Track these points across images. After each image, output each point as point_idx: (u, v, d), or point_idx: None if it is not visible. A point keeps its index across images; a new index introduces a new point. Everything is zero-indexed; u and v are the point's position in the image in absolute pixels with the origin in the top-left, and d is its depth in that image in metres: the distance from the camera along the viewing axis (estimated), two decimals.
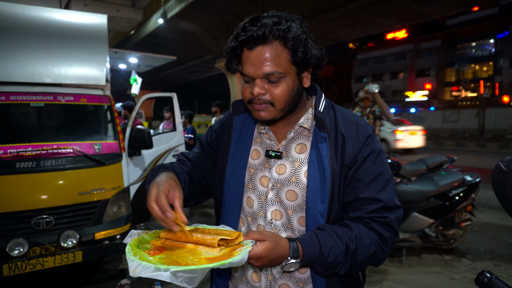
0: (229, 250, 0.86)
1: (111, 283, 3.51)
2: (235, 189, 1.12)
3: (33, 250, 2.93)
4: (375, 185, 1.02)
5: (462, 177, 4.10)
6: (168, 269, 0.74)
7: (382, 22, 17.78)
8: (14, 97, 3.23)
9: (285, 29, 0.94)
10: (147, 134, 3.77)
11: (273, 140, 1.11)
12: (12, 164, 2.98)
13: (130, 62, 6.67)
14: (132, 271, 0.76)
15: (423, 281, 3.51)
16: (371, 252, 0.99)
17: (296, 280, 1.05)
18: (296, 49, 0.96)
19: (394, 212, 1.02)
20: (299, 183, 1.04)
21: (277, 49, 0.95)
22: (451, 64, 40.85)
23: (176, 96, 4.65)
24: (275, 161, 1.08)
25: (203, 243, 0.88)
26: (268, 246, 0.88)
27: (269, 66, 0.95)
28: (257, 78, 0.98)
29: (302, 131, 1.10)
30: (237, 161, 1.13)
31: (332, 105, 1.13)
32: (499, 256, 4.09)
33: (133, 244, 0.89)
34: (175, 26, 22.01)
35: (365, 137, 1.04)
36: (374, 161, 1.03)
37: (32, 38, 3.36)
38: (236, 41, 0.98)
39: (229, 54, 1.02)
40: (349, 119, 1.08)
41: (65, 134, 3.42)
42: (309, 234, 0.97)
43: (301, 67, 1.00)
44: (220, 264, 0.77)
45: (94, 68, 3.61)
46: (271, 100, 1.00)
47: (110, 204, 3.31)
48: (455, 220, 4.04)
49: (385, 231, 1.01)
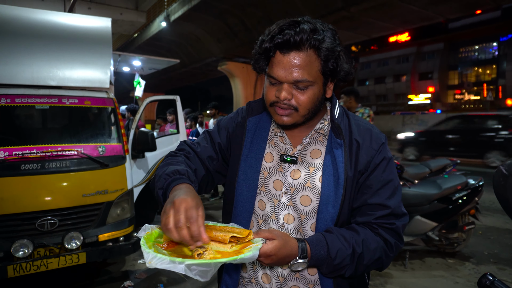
0: (239, 247, 0.88)
1: (114, 285, 3.52)
2: (248, 192, 1.12)
3: (38, 252, 2.94)
4: (384, 192, 1.03)
5: (465, 181, 4.10)
6: (183, 262, 0.76)
7: (384, 25, 17.79)
8: (19, 100, 3.26)
9: (321, 39, 0.95)
10: (150, 137, 3.79)
11: (288, 144, 1.11)
12: (17, 166, 3.00)
13: (134, 65, 6.71)
14: (148, 262, 0.78)
15: (426, 284, 3.50)
16: (377, 257, 1.01)
17: (306, 282, 1.06)
18: (328, 60, 0.97)
19: (401, 219, 1.04)
20: (314, 188, 1.04)
21: (311, 58, 0.96)
22: (454, 67, 40.79)
23: (179, 99, 4.67)
24: (290, 166, 1.09)
25: (214, 239, 0.89)
26: (277, 244, 0.89)
27: (300, 73, 0.95)
28: (285, 82, 0.98)
29: (318, 136, 1.10)
30: (250, 163, 1.13)
31: (346, 112, 1.14)
32: (503, 260, 4.08)
33: (147, 237, 0.91)
34: (178, 29, 22.12)
35: (378, 145, 1.06)
36: (384, 168, 1.05)
37: (36, 41, 3.39)
38: (271, 42, 0.96)
39: (261, 54, 1.01)
40: (363, 126, 1.10)
41: (70, 136, 3.44)
42: (318, 235, 0.99)
43: (329, 77, 1.01)
44: (232, 259, 0.79)
45: (98, 71, 3.63)
46: (296, 105, 1.00)
47: (114, 206, 3.32)
48: (459, 224, 4.02)
49: (391, 237, 1.03)
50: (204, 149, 1.20)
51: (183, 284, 3.55)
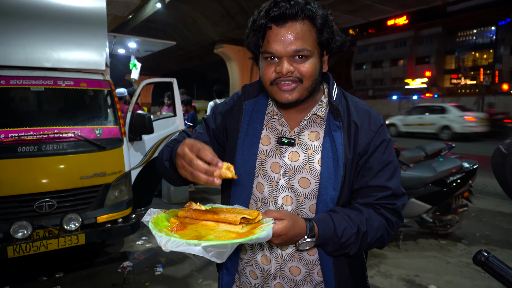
0: (250, 228, 0.88)
1: (113, 266, 3.57)
2: (246, 175, 1.11)
3: (37, 233, 2.97)
4: (384, 173, 1.04)
5: (460, 164, 4.15)
6: (199, 244, 0.76)
7: (382, 8, 17.57)
8: (14, 81, 3.21)
9: (315, 9, 0.97)
10: (147, 119, 3.78)
11: (286, 126, 1.10)
12: (13, 148, 2.99)
13: (129, 47, 6.61)
14: (163, 245, 0.78)
15: (419, 264, 3.58)
16: (379, 235, 1.03)
17: (306, 262, 1.08)
18: (323, 29, 0.98)
19: (401, 199, 1.06)
20: (313, 171, 1.05)
21: (307, 27, 0.97)
22: (451, 51, 40.56)
23: (176, 82, 4.63)
24: (287, 148, 1.08)
25: (224, 220, 0.89)
26: (287, 224, 0.90)
27: (299, 43, 0.95)
28: (285, 56, 0.97)
29: (315, 118, 1.10)
30: (247, 147, 1.12)
31: (344, 93, 1.13)
32: (494, 241, 4.17)
33: (154, 221, 0.90)
34: (174, 11, 21.70)
35: (377, 126, 1.06)
36: (384, 150, 1.05)
37: (31, 22, 3.32)
38: (266, 16, 0.96)
39: (255, 30, 1.00)
40: (361, 108, 1.09)
41: (66, 118, 3.42)
42: (324, 215, 1.00)
43: (325, 48, 1.02)
44: (248, 239, 0.79)
45: (94, 52, 3.58)
46: (301, 76, 0.99)
47: (112, 188, 3.34)
48: (452, 206, 4.10)
49: (392, 216, 1.05)
50: (200, 136, 1.20)
51: (182, 264, 3.61)
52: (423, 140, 14.07)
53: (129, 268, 3.50)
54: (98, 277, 3.36)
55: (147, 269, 3.53)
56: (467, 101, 26.69)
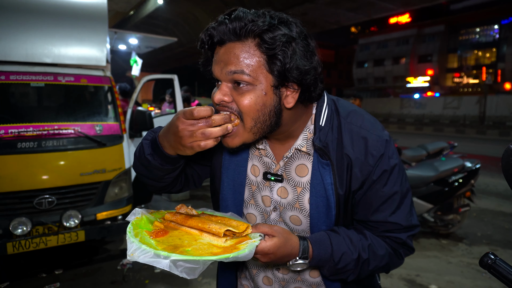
0: (235, 242, 0.79)
1: (113, 263, 3.56)
2: (234, 206, 1.02)
3: (36, 229, 2.96)
4: (387, 207, 0.92)
5: (462, 163, 4.12)
6: (168, 257, 0.68)
7: (385, 6, 17.50)
8: (14, 77, 3.20)
9: (263, 26, 0.77)
10: (148, 116, 3.76)
11: (271, 158, 0.98)
12: (13, 144, 2.97)
13: (130, 43, 6.58)
14: (130, 254, 0.71)
15: (420, 264, 3.56)
16: (383, 264, 0.95)
17: (309, 284, 1.01)
18: (273, 54, 0.78)
19: (410, 231, 0.95)
20: (303, 210, 0.96)
21: (249, 49, 0.79)
22: (454, 50, 40.41)
23: (177, 78, 4.61)
24: (276, 183, 0.99)
25: (208, 231, 0.81)
26: (277, 242, 0.81)
27: (235, 64, 0.79)
28: (222, 80, 0.83)
29: (299, 152, 0.96)
30: (232, 176, 1.02)
31: (337, 110, 0.95)
32: (496, 241, 4.15)
33: (136, 223, 0.84)
34: (175, 7, 21.66)
35: (375, 159, 0.89)
36: (386, 181, 0.91)
37: (31, 17, 3.29)
38: (206, 34, 0.83)
39: (202, 49, 0.87)
40: (356, 134, 0.91)
41: (66, 115, 3.40)
42: (322, 234, 0.91)
43: (279, 78, 0.81)
44: (224, 257, 0.71)
45: (94, 48, 3.55)
46: (239, 110, 0.82)
47: (112, 185, 3.32)
48: (454, 206, 4.07)
49: (400, 247, 0.97)
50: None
51: None
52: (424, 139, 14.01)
53: (128, 265, 3.49)
54: (97, 274, 3.35)
55: (146, 266, 3.52)
56: (469, 100, 26.61)
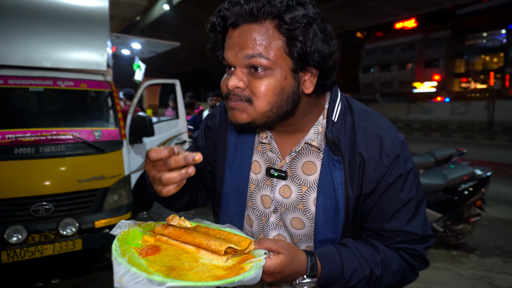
0: (237, 261, 0.71)
1: (111, 272, 3.47)
2: (236, 206, 0.96)
3: (32, 238, 2.89)
4: (402, 215, 0.86)
5: (472, 171, 3.99)
6: (164, 283, 0.59)
7: (390, 11, 17.43)
8: (12, 81, 3.14)
9: (281, 6, 0.72)
10: (148, 122, 3.69)
11: (276, 153, 0.92)
12: (10, 150, 2.91)
13: (133, 48, 6.55)
14: (117, 280, 0.61)
15: (429, 277, 3.42)
16: (397, 280, 0.88)
17: None
18: (294, 36, 0.73)
19: (425, 242, 0.90)
20: (307, 212, 0.88)
21: (268, 31, 0.74)
22: (461, 55, 40.13)
23: (179, 83, 4.55)
24: (279, 180, 0.92)
25: (207, 248, 0.72)
26: (283, 260, 0.73)
27: (253, 48, 0.74)
28: (237, 65, 0.78)
29: (309, 147, 0.90)
30: (236, 173, 0.96)
31: (351, 107, 0.90)
32: (509, 253, 3.99)
33: (122, 238, 0.74)
34: (181, 12, 21.80)
35: (391, 159, 0.83)
36: (402, 186, 0.85)
37: (31, 21, 3.25)
38: (218, 15, 0.78)
39: (211, 33, 0.82)
40: (371, 132, 0.86)
41: (65, 120, 3.35)
42: (331, 249, 0.83)
43: (299, 62, 0.77)
44: (229, 282, 0.63)
45: (95, 52, 3.50)
46: (250, 95, 0.78)
47: (111, 192, 3.25)
48: (464, 215, 3.93)
49: (415, 260, 0.90)
50: None
51: None
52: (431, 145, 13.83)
53: None
54: (96, 283, 3.27)
55: None
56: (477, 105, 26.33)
